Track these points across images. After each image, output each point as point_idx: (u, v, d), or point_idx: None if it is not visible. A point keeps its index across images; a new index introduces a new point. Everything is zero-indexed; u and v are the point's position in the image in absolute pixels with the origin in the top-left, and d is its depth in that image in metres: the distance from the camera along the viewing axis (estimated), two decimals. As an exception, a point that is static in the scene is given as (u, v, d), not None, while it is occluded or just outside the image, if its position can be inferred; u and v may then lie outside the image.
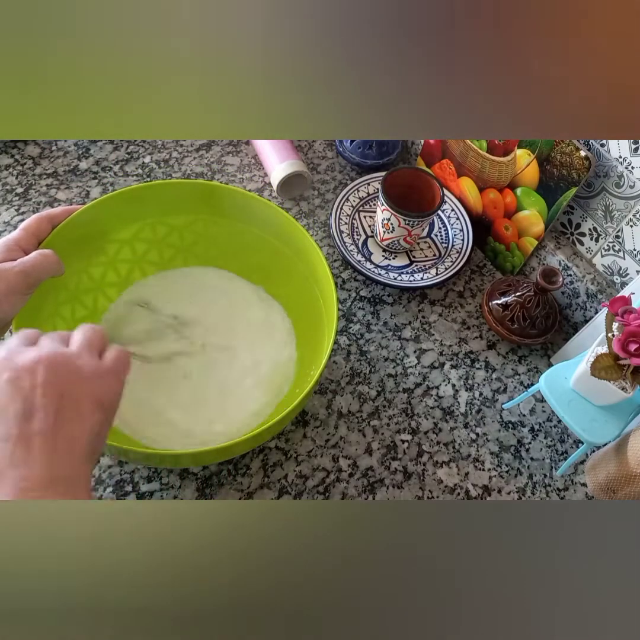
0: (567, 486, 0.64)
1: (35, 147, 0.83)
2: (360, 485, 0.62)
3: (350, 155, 0.85)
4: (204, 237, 0.68)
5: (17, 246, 0.51)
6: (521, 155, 0.69)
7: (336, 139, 0.87)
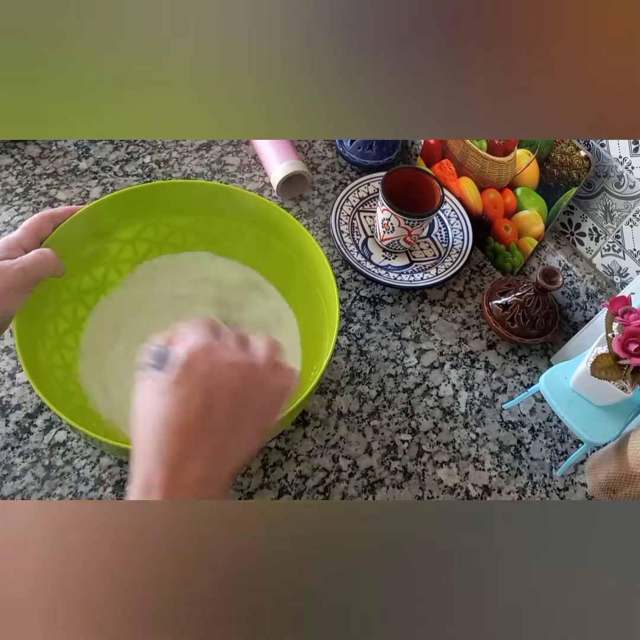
0: (567, 486, 0.64)
1: (35, 147, 0.83)
2: (360, 485, 0.62)
3: (350, 155, 0.85)
4: (206, 237, 0.68)
5: (18, 245, 0.51)
6: (521, 155, 0.69)
7: (336, 139, 0.87)
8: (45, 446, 0.60)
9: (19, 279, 0.48)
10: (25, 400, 0.63)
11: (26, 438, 0.60)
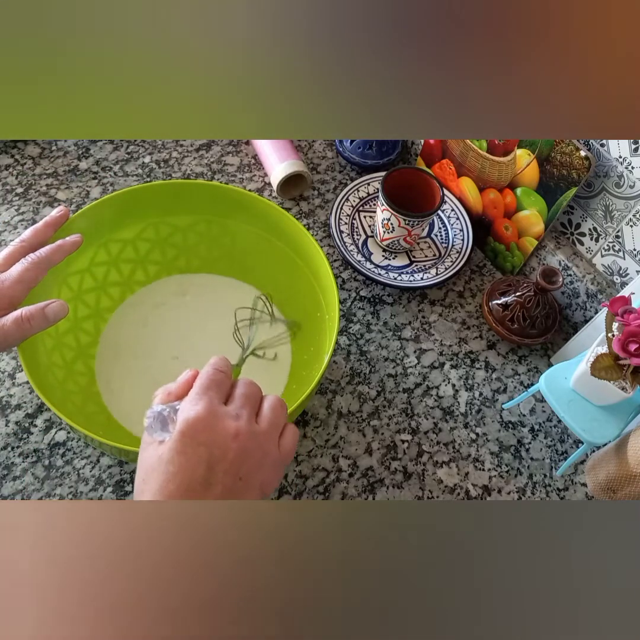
0: (567, 486, 0.64)
1: (35, 147, 0.83)
2: (360, 485, 0.62)
3: (350, 155, 0.85)
4: (207, 237, 0.68)
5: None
6: (521, 155, 0.69)
7: (336, 139, 0.87)
8: (45, 446, 0.60)
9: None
10: (25, 400, 0.63)
11: (26, 438, 0.60)
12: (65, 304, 0.51)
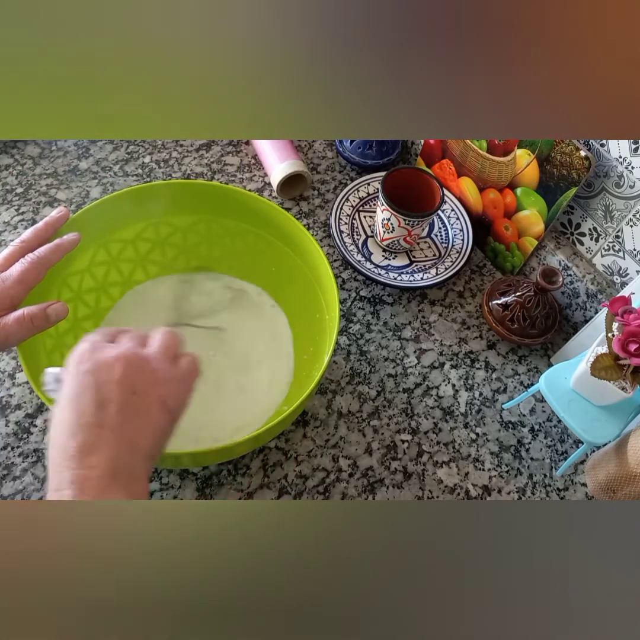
0: (567, 486, 0.64)
1: (35, 147, 0.83)
2: (360, 485, 0.62)
3: (350, 155, 0.85)
4: (207, 237, 0.68)
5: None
6: (521, 155, 0.69)
7: (336, 139, 0.87)
8: (45, 446, 0.60)
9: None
10: (25, 400, 0.63)
11: (26, 438, 0.60)
12: (65, 305, 0.51)
